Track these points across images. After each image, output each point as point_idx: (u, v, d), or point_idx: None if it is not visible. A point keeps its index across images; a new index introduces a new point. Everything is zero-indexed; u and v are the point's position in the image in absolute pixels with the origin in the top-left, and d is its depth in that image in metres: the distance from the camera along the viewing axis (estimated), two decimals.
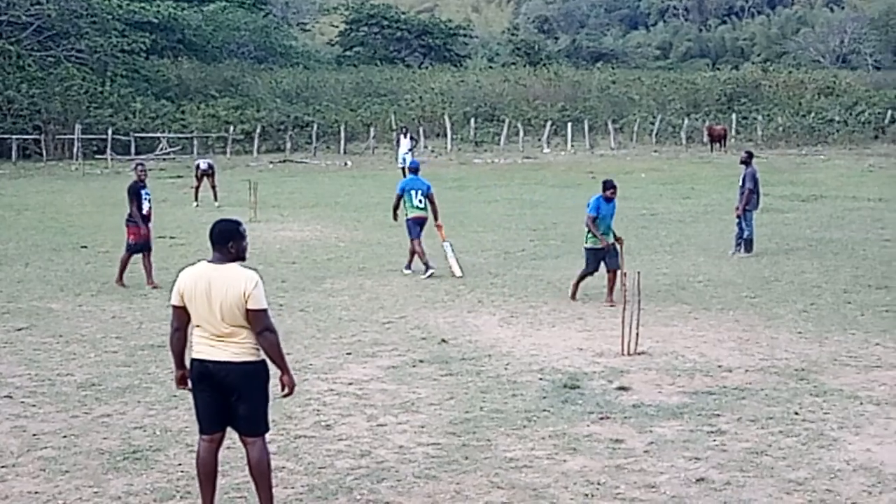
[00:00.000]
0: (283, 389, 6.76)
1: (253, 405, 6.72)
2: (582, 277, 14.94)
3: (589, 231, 14.88)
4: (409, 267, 17.36)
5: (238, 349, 6.63)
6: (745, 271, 16.92)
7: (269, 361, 6.68)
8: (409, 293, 15.39)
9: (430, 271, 16.83)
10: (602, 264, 14.78)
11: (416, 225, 17.26)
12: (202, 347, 6.68)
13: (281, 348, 6.68)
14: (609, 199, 15.03)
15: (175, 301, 6.76)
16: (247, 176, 34.24)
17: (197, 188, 28.83)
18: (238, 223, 6.83)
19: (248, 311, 6.54)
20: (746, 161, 19.65)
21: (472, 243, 20.83)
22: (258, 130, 51.96)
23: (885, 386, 10.06)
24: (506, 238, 21.63)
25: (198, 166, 29.11)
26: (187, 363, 6.84)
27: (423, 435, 8.67)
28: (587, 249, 14.93)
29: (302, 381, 10.37)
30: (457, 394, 9.92)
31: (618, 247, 14.69)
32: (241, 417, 6.74)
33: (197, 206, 27.95)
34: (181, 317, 6.75)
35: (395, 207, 17.76)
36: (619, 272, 14.11)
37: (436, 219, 17.49)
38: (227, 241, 6.71)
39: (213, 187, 28.85)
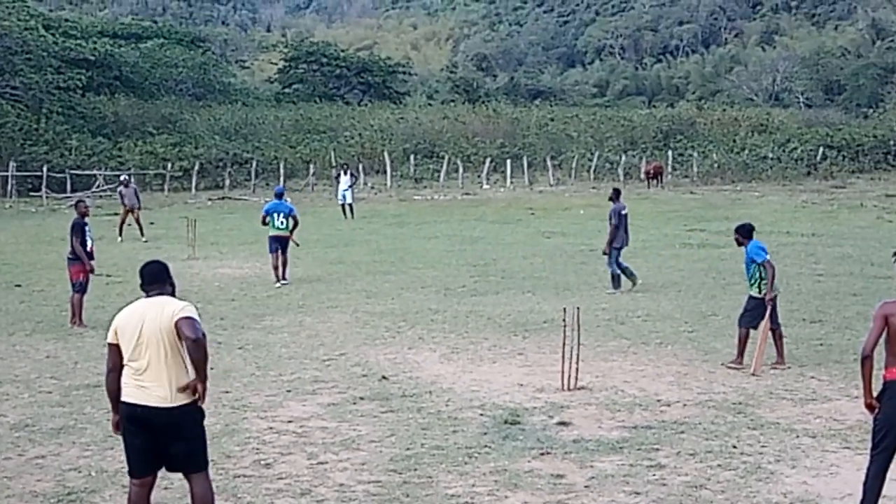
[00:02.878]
0: (194, 394, 6.68)
1: (191, 444, 6.66)
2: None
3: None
4: (284, 277, 20.34)
5: (169, 391, 6.58)
6: (684, 306, 17.09)
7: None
8: (350, 330, 15.33)
9: (280, 283, 19.98)
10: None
11: (276, 242, 20.43)
12: (131, 390, 6.59)
13: (208, 356, 6.64)
14: (739, 244, 13.31)
15: (110, 338, 6.71)
16: (185, 213, 34.00)
17: (122, 222, 28.95)
18: (164, 263, 6.89)
19: (177, 321, 6.50)
20: (613, 198, 19.75)
21: (412, 279, 20.82)
22: (196, 167, 51.62)
23: (820, 419, 10.19)
24: (446, 274, 21.65)
25: (126, 183, 29.68)
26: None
27: (364, 473, 8.62)
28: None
29: (241, 419, 10.28)
30: (398, 431, 9.88)
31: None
32: (177, 457, 6.66)
33: (121, 240, 27.83)
34: (116, 355, 6.67)
35: (264, 222, 20.86)
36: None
37: (291, 232, 20.65)
38: (158, 280, 6.74)
39: (138, 221, 28.92)
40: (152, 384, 6.53)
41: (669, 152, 58.80)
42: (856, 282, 19.92)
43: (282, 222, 20.46)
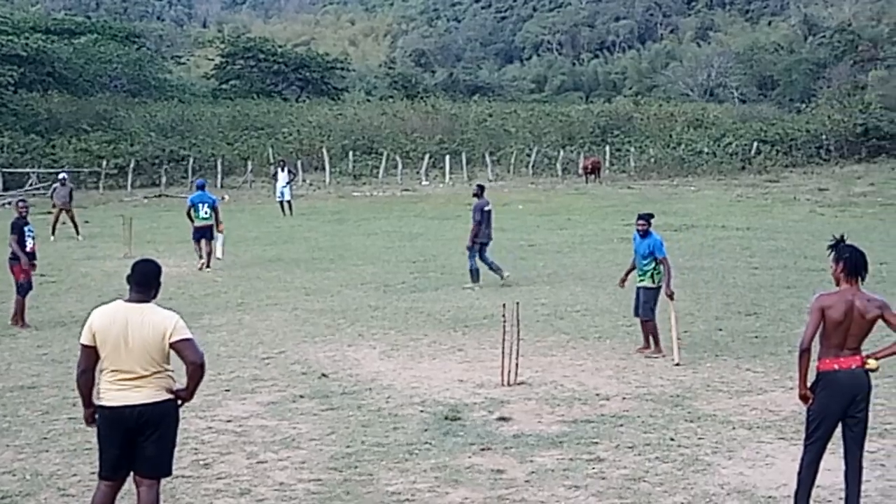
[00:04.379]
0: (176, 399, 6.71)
1: (163, 445, 6.65)
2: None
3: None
4: (208, 266, 21.78)
5: (153, 391, 6.55)
6: (622, 300, 17.18)
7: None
8: (289, 327, 15.26)
9: (202, 262, 21.74)
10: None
11: (199, 232, 22.01)
12: (113, 394, 6.52)
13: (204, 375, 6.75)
14: (644, 233, 13.53)
15: (86, 340, 6.59)
16: (121, 211, 33.60)
17: (55, 221, 28.57)
18: (159, 265, 6.76)
19: (175, 343, 6.46)
20: (477, 194, 19.95)
21: (351, 276, 20.77)
22: (132, 165, 50.97)
23: (755, 410, 10.33)
24: (385, 271, 21.63)
25: (63, 181, 29.26)
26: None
27: (304, 471, 8.59)
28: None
29: (179, 419, 10.18)
30: (338, 428, 9.85)
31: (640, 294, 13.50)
32: (148, 458, 6.61)
33: (53, 239, 27.41)
34: (90, 357, 6.59)
35: (188, 216, 22.23)
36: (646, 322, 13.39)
37: (218, 223, 22.39)
38: (150, 283, 6.64)
39: (73, 220, 28.61)
40: (137, 387, 6.49)
41: (607, 147, 59.23)
42: (790, 275, 20.21)
43: (206, 213, 22.06)
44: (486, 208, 19.67)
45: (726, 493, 7.92)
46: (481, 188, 20.44)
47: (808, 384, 7.12)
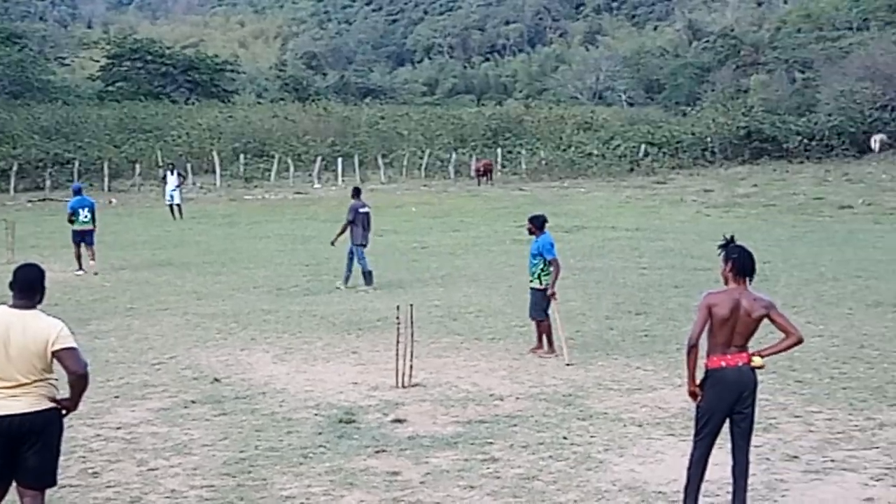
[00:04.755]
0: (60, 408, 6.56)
1: (47, 455, 6.49)
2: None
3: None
4: (83, 268, 21.84)
5: (34, 399, 6.39)
6: (515, 301, 17.33)
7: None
8: (180, 332, 15.03)
9: (80, 272, 21.60)
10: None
11: (80, 235, 22.16)
12: None
13: (88, 385, 6.60)
14: (531, 233, 13.69)
15: None
16: (3, 215, 32.70)
17: None
18: (42, 269, 6.58)
19: (57, 352, 6.29)
20: (353, 195, 20.26)
21: (243, 280, 20.56)
22: (15, 168, 49.63)
23: (646, 408, 10.51)
24: (278, 274, 21.45)
25: None
26: None
27: (197, 477, 8.47)
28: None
29: (67, 427, 9.94)
30: (231, 433, 9.74)
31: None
32: (30, 469, 6.44)
33: None
34: None
35: (70, 221, 22.39)
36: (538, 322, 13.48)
37: (94, 225, 22.46)
38: (33, 289, 6.46)
39: None
40: (17, 396, 6.31)
41: (498, 150, 59.66)
42: (677, 274, 20.60)
43: (86, 216, 22.29)
44: (362, 210, 19.74)
45: (618, 490, 8.04)
46: (357, 190, 20.73)
47: (697, 381, 7.26)
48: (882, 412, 10.17)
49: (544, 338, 13.36)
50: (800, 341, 7.29)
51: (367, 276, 19.36)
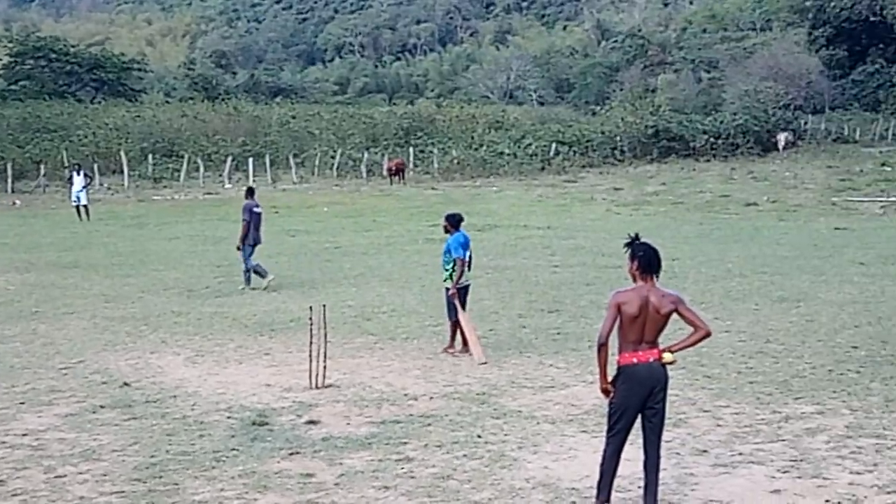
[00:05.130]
0: None
1: None
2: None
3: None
4: None
5: None
6: (428, 300, 17.36)
7: None
8: (88, 336, 14.76)
9: None
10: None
11: None
12: None
13: None
14: (446, 231, 13.62)
15: None
16: None
17: None
18: None
19: None
20: (247, 196, 20.41)
21: (153, 282, 20.26)
22: None
23: (559, 405, 10.60)
24: (189, 275, 21.19)
25: None
26: None
27: (106, 483, 8.32)
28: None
29: None
30: (141, 438, 9.59)
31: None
32: None
33: None
34: None
35: None
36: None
37: None
38: None
39: None
40: None
41: (411, 149, 59.68)
42: (589, 272, 20.82)
43: None
44: (255, 210, 19.74)
45: (532, 487, 8.09)
46: (250, 190, 20.79)
47: (609, 378, 7.34)
48: (787, 405, 10.40)
49: (456, 337, 13.39)
50: (708, 335, 7.40)
51: (248, 275, 19.39)
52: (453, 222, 13.52)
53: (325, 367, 11.53)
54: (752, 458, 8.71)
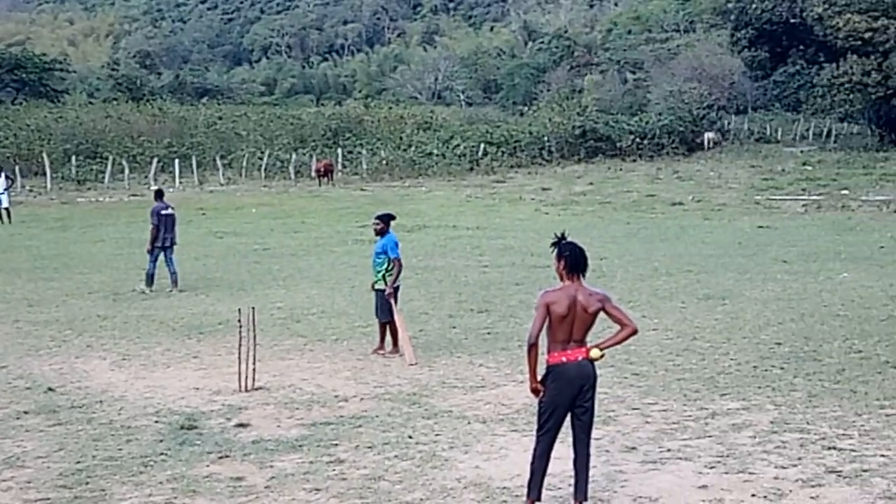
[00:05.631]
0: None
1: None
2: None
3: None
4: None
5: None
6: (358, 302, 17.32)
7: None
8: (11, 341, 14.48)
9: None
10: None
11: None
12: None
13: None
14: (378, 233, 13.57)
15: None
16: None
17: None
18: None
19: None
20: (155, 198, 20.39)
21: (78, 285, 19.95)
22: None
23: (489, 405, 10.64)
24: (115, 279, 20.89)
25: None
26: None
27: (31, 491, 8.18)
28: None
29: None
30: (67, 444, 9.44)
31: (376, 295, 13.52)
32: None
33: None
34: None
35: None
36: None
37: None
38: None
39: None
40: None
41: (339, 150, 59.55)
42: (518, 272, 20.92)
43: None
44: (164, 212, 19.67)
45: (463, 487, 8.11)
46: (159, 192, 20.68)
47: (539, 377, 7.38)
48: (714, 402, 10.54)
49: (388, 338, 13.39)
50: (635, 332, 7.48)
51: (149, 278, 19.23)
52: (388, 221, 13.50)
53: (254, 370, 11.45)
54: (680, 454, 8.82)
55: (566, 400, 7.32)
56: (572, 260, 7.39)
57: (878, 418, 9.77)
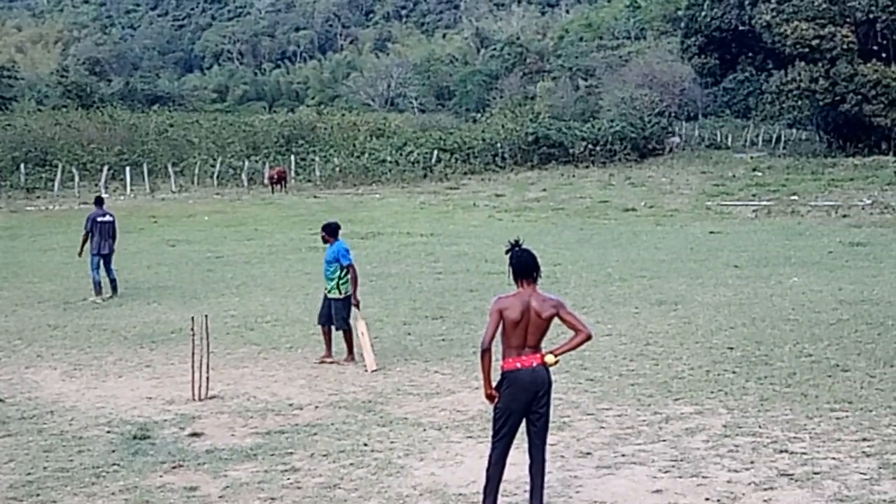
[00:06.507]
0: None
1: None
2: None
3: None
4: None
5: None
6: (312, 309, 17.21)
7: None
8: None
9: None
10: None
11: None
12: None
13: None
14: (325, 242, 13.69)
15: None
16: None
17: None
18: None
19: None
20: (95, 204, 20.43)
21: (27, 294, 19.72)
22: None
23: (444, 411, 10.64)
24: (65, 287, 20.67)
25: None
26: None
27: None
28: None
29: None
30: (17, 455, 9.32)
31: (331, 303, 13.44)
32: None
33: None
34: None
35: None
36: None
37: None
38: None
39: None
40: None
41: (292, 157, 59.28)
42: (472, 278, 20.94)
43: None
44: (101, 219, 19.64)
45: (419, 494, 8.11)
46: (99, 199, 20.69)
47: (493, 384, 7.39)
48: (668, 406, 10.62)
49: (344, 345, 13.34)
50: (589, 338, 7.52)
51: (97, 286, 19.14)
52: (331, 231, 13.49)
53: (207, 379, 11.37)
54: (635, 458, 8.87)
55: (521, 406, 7.34)
56: (522, 266, 7.44)
57: (828, 421, 9.88)
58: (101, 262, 19.30)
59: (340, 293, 13.29)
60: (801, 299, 17.34)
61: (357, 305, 13.30)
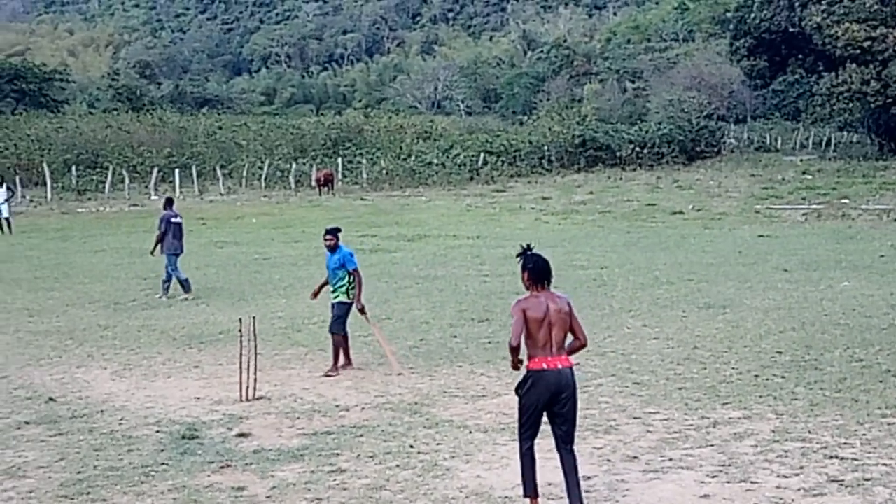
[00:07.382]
0: None
1: None
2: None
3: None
4: None
5: None
6: (355, 311, 17.26)
7: None
8: (12, 351, 14.48)
9: None
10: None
11: None
12: None
13: None
14: (331, 248, 13.50)
15: None
16: None
17: None
18: None
19: None
20: (165, 206, 20.54)
21: (78, 295, 19.95)
22: None
23: (490, 414, 10.62)
24: (115, 288, 20.90)
25: None
26: None
27: (32, 501, 8.18)
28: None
29: None
30: (68, 454, 9.43)
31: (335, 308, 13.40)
32: None
33: None
34: None
35: None
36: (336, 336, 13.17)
37: None
38: None
39: None
40: None
41: (339, 159, 59.56)
42: (518, 281, 20.78)
43: None
44: (174, 220, 19.88)
45: (465, 497, 8.10)
46: (169, 200, 20.87)
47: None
48: (715, 411, 10.53)
49: (340, 353, 13.15)
50: (584, 346, 7.67)
51: (166, 284, 19.42)
52: (338, 235, 13.51)
53: (255, 380, 11.44)
54: (682, 463, 8.81)
55: (542, 403, 7.45)
56: (536, 272, 7.59)
57: (879, 427, 9.76)
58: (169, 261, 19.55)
59: (348, 298, 13.26)
60: (852, 303, 17.14)
61: (362, 310, 13.25)
